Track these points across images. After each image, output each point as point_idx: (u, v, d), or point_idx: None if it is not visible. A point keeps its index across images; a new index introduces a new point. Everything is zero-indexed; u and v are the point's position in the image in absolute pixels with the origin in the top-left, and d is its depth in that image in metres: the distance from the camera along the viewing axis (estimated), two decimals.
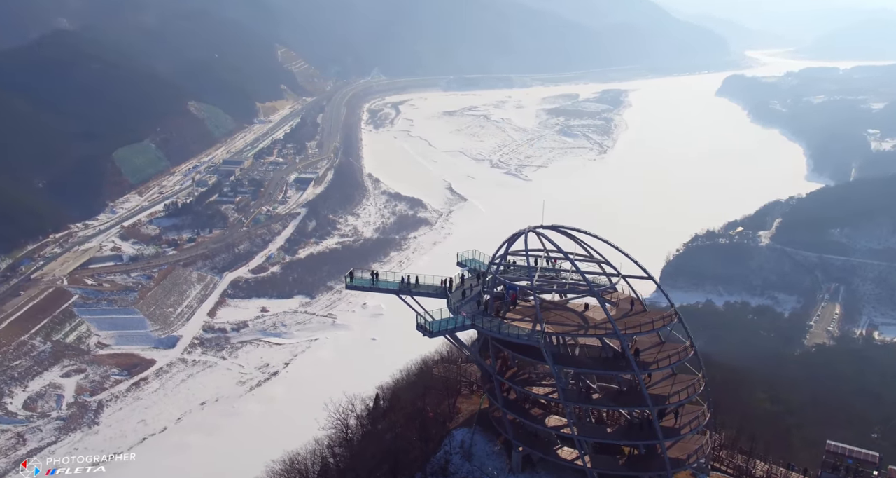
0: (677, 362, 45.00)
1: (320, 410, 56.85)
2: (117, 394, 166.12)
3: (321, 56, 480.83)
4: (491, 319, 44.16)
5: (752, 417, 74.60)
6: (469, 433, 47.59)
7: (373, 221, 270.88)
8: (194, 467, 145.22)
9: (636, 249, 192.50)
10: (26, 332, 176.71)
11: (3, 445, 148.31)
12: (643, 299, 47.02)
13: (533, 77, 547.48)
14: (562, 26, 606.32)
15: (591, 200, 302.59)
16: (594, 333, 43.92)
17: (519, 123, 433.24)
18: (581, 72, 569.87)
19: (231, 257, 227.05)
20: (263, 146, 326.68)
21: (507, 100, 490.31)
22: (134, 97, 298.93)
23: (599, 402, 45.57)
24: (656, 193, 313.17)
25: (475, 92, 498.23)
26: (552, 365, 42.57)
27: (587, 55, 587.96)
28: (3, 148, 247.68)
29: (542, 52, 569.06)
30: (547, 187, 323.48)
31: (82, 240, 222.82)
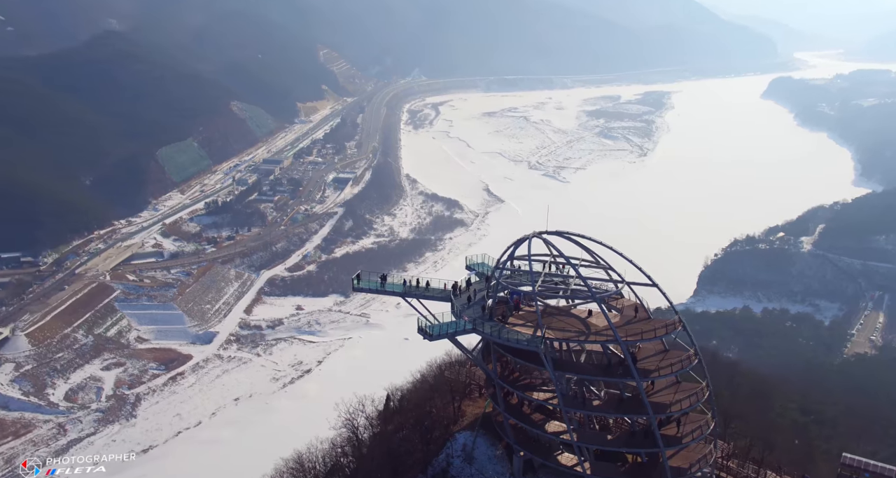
0: (680, 370, 44.72)
1: (331, 409, 57.97)
2: (154, 388, 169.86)
3: (362, 57, 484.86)
4: (492, 323, 44.49)
5: (774, 426, 73.35)
6: (471, 437, 47.99)
7: (409, 222, 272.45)
8: (226, 461, 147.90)
9: (673, 252, 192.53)
10: (69, 325, 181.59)
11: (45, 435, 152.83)
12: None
13: (574, 78, 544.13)
14: (604, 27, 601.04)
15: (630, 203, 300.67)
16: (594, 340, 43.92)
17: (558, 124, 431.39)
18: (623, 73, 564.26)
19: (268, 256, 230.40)
20: (303, 146, 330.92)
21: (547, 101, 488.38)
22: (178, 97, 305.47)
23: (600, 409, 45.56)
24: (696, 197, 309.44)
25: (515, 93, 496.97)
26: (551, 371, 42.71)
27: (630, 56, 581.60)
28: (53, 147, 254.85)
29: (584, 54, 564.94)
30: (585, 190, 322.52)
31: (125, 236, 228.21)
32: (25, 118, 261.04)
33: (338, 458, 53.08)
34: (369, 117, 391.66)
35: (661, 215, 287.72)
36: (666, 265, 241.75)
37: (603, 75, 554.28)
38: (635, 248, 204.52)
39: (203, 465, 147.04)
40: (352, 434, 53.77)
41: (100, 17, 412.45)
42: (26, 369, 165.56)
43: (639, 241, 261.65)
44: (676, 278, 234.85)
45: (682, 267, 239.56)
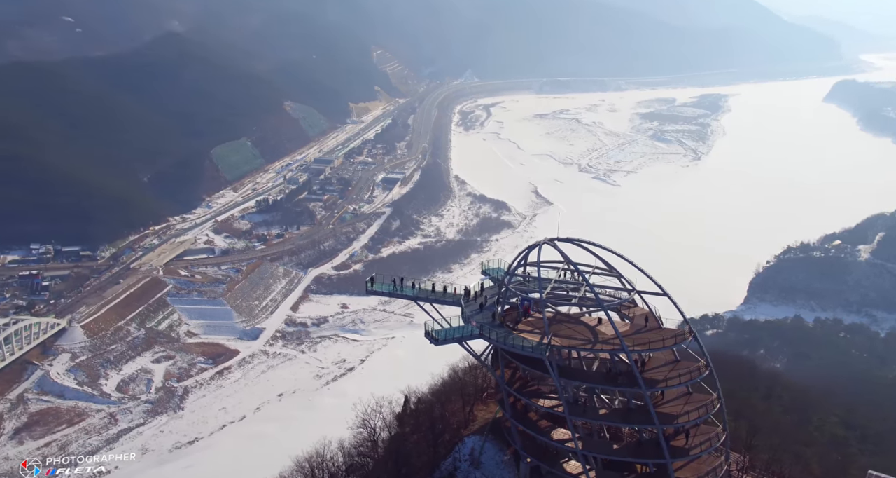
0: (688, 381, 44.28)
1: (349, 409, 59.06)
2: (202, 381, 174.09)
3: (416, 58, 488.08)
4: (499, 329, 44.78)
5: (810, 440, 71.79)
6: (480, 441, 48.35)
7: (456, 223, 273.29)
8: (268, 455, 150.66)
9: (724, 258, 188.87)
10: (123, 318, 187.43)
11: (97, 424, 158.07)
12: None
13: (628, 80, 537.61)
14: (661, 29, 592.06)
15: (681, 207, 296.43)
16: (601, 348, 43.84)
17: (611, 126, 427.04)
18: (679, 75, 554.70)
19: (316, 254, 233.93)
20: (354, 146, 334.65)
21: (600, 103, 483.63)
22: (234, 97, 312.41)
23: (606, 417, 45.40)
24: (750, 201, 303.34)
25: (568, 95, 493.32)
26: (556, 378, 42.79)
27: (686, 58, 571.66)
28: (114, 145, 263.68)
29: (639, 56, 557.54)
30: (635, 193, 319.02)
31: (179, 232, 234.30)
32: (90, 117, 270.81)
33: (354, 458, 53.97)
34: (420, 118, 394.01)
35: (713, 219, 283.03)
36: (716, 271, 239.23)
37: (658, 77, 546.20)
38: (684, 252, 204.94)
39: (246, 458, 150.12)
40: (369, 435, 54.67)
41: (163, 19, 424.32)
42: (81, 360, 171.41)
43: (689, 245, 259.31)
44: (726, 285, 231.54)
45: (732, 273, 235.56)
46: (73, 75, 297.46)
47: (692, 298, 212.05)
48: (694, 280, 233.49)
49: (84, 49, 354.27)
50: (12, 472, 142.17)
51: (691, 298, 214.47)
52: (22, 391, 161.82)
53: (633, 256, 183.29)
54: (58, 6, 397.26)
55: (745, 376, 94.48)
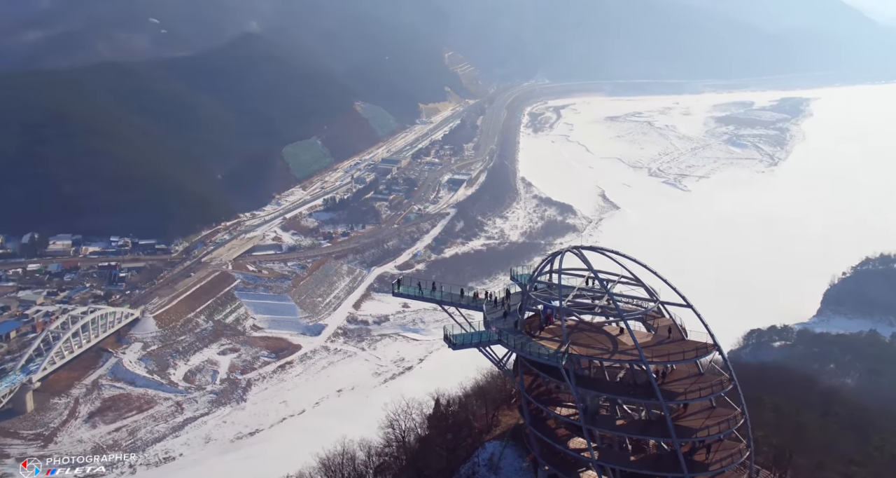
0: (709, 394, 43.53)
1: (380, 409, 60.08)
2: (264, 374, 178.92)
3: (487, 59, 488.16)
4: (519, 336, 44.97)
5: (859, 459, 69.30)
6: (500, 447, 48.60)
7: (520, 225, 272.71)
8: (324, 450, 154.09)
9: (796, 268, 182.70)
10: (193, 310, 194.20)
11: (164, 412, 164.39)
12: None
13: (705, 83, 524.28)
14: (740, 30, 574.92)
15: (753, 214, 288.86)
16: (619, 359, 43.56)
17: (684, 130, 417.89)
18: (759, 78, 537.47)
19: (380, 253, 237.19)
20: (422, 147, 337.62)
21: (674, 106, 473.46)
22: (306, 97, 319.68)
23: (623, 428, 45.00)
24: (827, 209, 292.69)
25: (641, 97, 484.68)
26: (572, 387, 42.73)
27: (767, 61, 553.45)
28: (191, 143, 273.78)
29: (717, 58, 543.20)
30: (706, 199, 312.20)
31: (248, 229, 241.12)
32: (169, 115, 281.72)
33: (384, 458, 54.99)
34: (489, 119, 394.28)
35: (788, 227, 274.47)
36: (788, 281, 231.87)
37: (736, 80, 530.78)
38: (755, 260, 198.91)
39: (303, 451, 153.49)
40: (396, 436, 55.60)
41: (243, 20, 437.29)
42: (152, 349, 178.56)
43: (760, 253, 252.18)
44: (799, 296, 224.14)
45: (806, 284, 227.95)
46: (155, 75, 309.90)
47: (761, 307, 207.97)
48: (764, 289, 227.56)
49: (167, 50, 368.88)
50: (85, 453, 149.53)
51: (760, 309, 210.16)
52: (97, 377, 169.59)
53: (700, 263, 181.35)
54: (146, 8, 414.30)
55: (802, 390, 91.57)
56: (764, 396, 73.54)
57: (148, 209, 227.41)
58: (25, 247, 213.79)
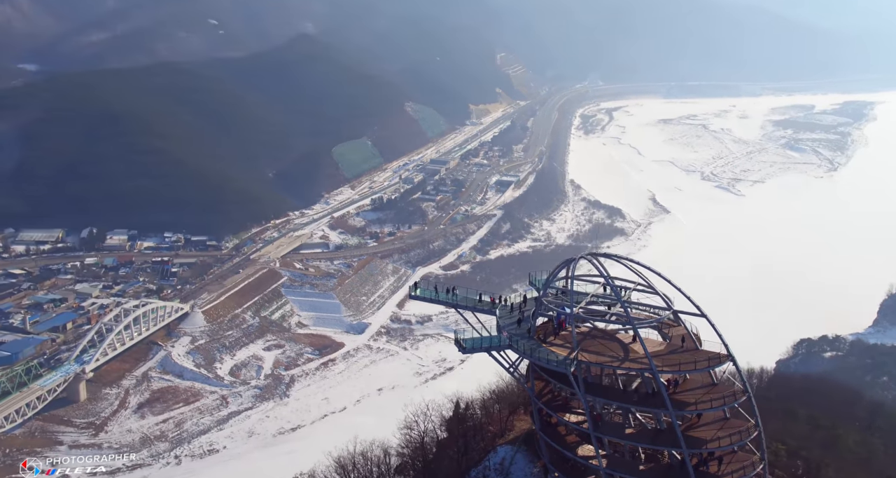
0: (721, 405, 42.70)
1: (399, 410, 60.55)
2: (308, 371, 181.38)
3: (539, 60, 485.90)
4: (529, 341, 44.80)
5: None
6: (512, 451, 48.45)
7: (567, 228, 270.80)
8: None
9: (853, 276, 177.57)
10: (240, 306, 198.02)
11: (210, 405, 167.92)
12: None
13: (763, 86, 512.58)
14: (800, 32, 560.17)
15: (810, 220, 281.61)
16: (629, 367, 43.02)
17: (739, 134, 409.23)
18: (820, 81, 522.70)
19: (425, 253, 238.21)
20: (471, 148, 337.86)
21: (730, 109, 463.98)
22: (357, 97, 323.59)
23: (632, 437, 44.41)
24: (888, 217, 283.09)
25: (696, 100, 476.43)
26: (581, 394, 42.39)
27: (829, 63, 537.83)
28: (244, 141, 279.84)
29: (776, 60, 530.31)
30: (761, 204, 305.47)
31: (297, 227, 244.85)
32: (223, 115, 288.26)
33: (402, 460, 55.43)
34: (540, 121, 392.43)
35: (845, 234, 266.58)
36: (843, 289, 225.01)
37: (796, 83, 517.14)
38: (809, 267, 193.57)
39: (343, 448, 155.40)
40: (413, 438, 55.94)
41: (298, 21, 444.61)
42: (200, 344, 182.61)
43: (815, 260, 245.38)
44: (854, 305, 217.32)
45: (862, 293, 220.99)
46: (210, 75, 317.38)
47: (814, 316, 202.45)
48: (818, 298, 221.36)
49: (224, 50, 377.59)
50: (133, 444, 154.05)
51: (813, 317, 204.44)
52: (147, 369, 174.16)
53: (752, 269, 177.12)
54: (206, 10, 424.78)
55: (846, 403, 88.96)
56: (799, 407, 71.91)
57: (201, 206, 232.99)
58: (84, 241, 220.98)
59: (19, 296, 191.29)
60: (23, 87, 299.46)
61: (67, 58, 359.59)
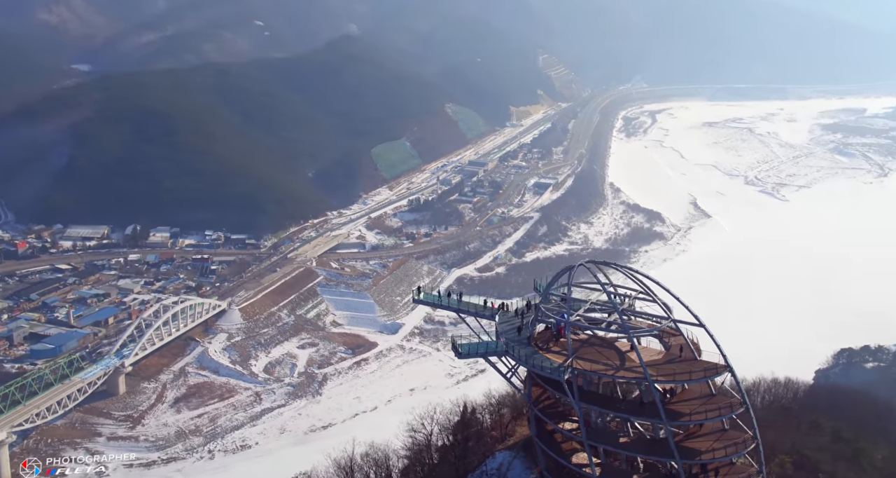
0: (716, 417, 42.14)
1: (407, 413, 60.80)
2: (340, 370, 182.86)
3: (582, 62, 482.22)
4: (526, 348, 44.78)
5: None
6: (510, 457, 48.44)
7: (605, 231, 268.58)
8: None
9: None
10: (276, 304, 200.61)
11: (244, 401, 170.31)
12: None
13: (813, 88, 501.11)
14: (852, 33, 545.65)
15: (856, 225, 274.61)
16: (623, 376, 42.69)
17: (786, 137, 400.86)
18: (873, 83, 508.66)
19: (461, 255, 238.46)
20: (510, 150, 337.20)
21: (777, 112, 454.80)
22: (397, 98, 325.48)
23: (626, 446, 44.06)
24: None
25: (743, 103, 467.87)
26: (574, 402, 42.23)
27: (883, 65, 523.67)
28: (285, 141, 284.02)
29: (826, 62, 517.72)
30: (806, 210, 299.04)
31: (334, 227, 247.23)
32: (265, 115, 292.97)
33: (408, 462, 55.82)
34: (581, 123, 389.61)
35: (893, 241, 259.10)
36: (891, 298, 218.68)
37: (847, 85, 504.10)
38: (857, 276, 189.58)
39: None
40: (416, 441, 56.30)
41: (342, 23, 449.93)
42: (236, 340, 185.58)
43: (863, 268, 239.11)
44: None
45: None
46: (254, 75, 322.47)
47: (859, 326, 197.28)
48: (864, 307, 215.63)
49: (268, 51, 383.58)
50: (168, 437, 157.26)
51: (858, 327, 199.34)
52: (184, 365, 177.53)
53: (795, 277, 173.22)
54: (252, 11, 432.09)
55: (876, 417, 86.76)
56: (825, 419, 70.53)
57: (241, 205, 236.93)
58: (128, 238, 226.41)
59: (65, 290, 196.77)
60: (75, 87, 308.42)
61: (119, 58, 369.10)
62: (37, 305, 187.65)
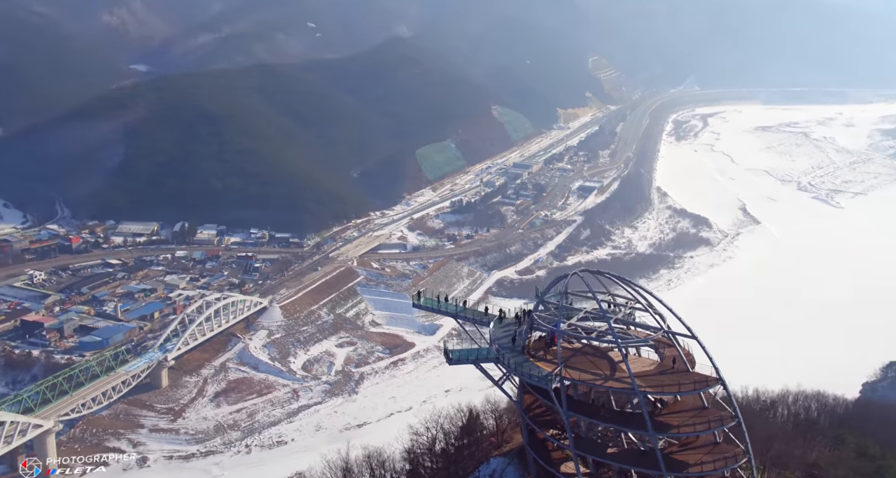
0: (705, 430, 41.37)
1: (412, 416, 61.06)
2: (377, 369, 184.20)
3: (633, 64, 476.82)
4: (516, 355, 44.63)
5: None
6: (504, 464, 48.28)
7: (650, 236, 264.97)
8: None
9: None
10: (316, 303, 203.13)
11: (281, 397, 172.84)
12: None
13: (875, 92, 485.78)
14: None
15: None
16: (612, 386, 42.16)
17: (843, 142, 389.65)
18: None
19: (501, 257, 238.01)
20: (555, 152, 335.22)
21: (835, 117, 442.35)
22: (444, 99, 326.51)
23: (614, 457, 43.48)
24: None
25: (799, 106, 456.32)
26: (562, 411, 41.90)
27: None
28: (332, 142, 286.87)
29: (891, 65, 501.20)
30: (862, 217, 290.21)
31: (377, 227, 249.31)
32: (313, 115, 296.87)
33: (412, 465, 56.15)
34: (630, 126, 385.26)
35: None
36: None
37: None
38: None
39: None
40: (422, 445, 56.55)
41: (393, 24, 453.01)
42: (276, 337, 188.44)
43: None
44: None
45: None
46: (303, 76, 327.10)
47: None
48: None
49: (319, 52, 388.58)
50: (207, 431, 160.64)
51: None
52: (225, 360, 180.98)
53: (846, 286, 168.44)
54: (305, 13, 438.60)
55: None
56: (851, 435, 68.72)
57: (286, 204, 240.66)
58: (176, 235, 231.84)
59: (114, 285, 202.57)
60: (131, 87, 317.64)
61: (175, 59, 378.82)
62: (87, 298, 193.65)
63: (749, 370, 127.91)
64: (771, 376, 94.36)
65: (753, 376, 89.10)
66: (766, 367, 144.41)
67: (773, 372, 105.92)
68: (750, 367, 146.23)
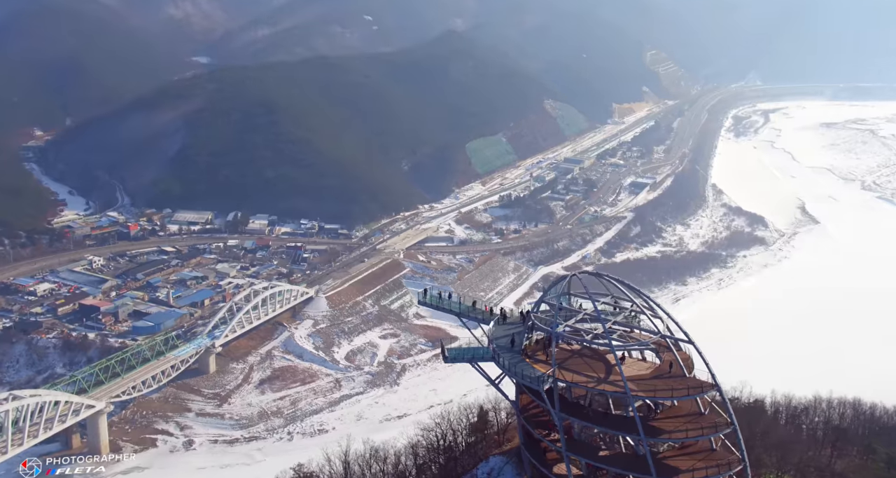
0: (697, 436, 40.60)
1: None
2: (419, 362, 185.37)
3: (692, 58, 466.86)
4: (512, 355, 44.47)
5: None
6: (501, 462, 48.20)
7: (702, 234, 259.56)
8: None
9: None
10: (362, 294, 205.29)
11: (324, 387, 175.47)
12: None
13: None
14: None
15: None
16: (605, 389, 41.68)
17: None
18: None
19: (548, 252, 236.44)
20: (609, 147, 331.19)
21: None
22: (497, 93, 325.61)
23: (605, 460, 42.97)
24: None
25: (867, 103, 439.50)
26: (554, 413, 41.64)
27: None
28: (384, 134, 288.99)
29: None
30: None
31: (425, 220, 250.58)
32: (366, 108, 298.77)
33: (427, 459, 56.57)
34: (687, 122, 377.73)
35: None
36: None
37: None
38: None
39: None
40: (431, 441, 56.89)
41: (448, 17, 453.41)
42: (321, 327, 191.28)
43: None
44: None
45: None
46: (358, 69, 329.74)
47: None
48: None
49: (375, 45, 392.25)
50: (251, 417, 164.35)
51: None
52: (271, 348, 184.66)
53: None
54: (363, 6, 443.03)
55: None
56: (881, 445, 66.82)
57: (337, 195, 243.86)
58: (229, 224, 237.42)
59: (168, 272, 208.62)
60: (191, 79, 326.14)
61: (235, 51, 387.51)
62: (142, 284, 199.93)
63: (790, 373, 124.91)
64: (810, 382, 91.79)
65: (792, 380, 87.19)
66: (808, 371, 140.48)
67: (814, 378, 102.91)
68: (793, 370, 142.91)
